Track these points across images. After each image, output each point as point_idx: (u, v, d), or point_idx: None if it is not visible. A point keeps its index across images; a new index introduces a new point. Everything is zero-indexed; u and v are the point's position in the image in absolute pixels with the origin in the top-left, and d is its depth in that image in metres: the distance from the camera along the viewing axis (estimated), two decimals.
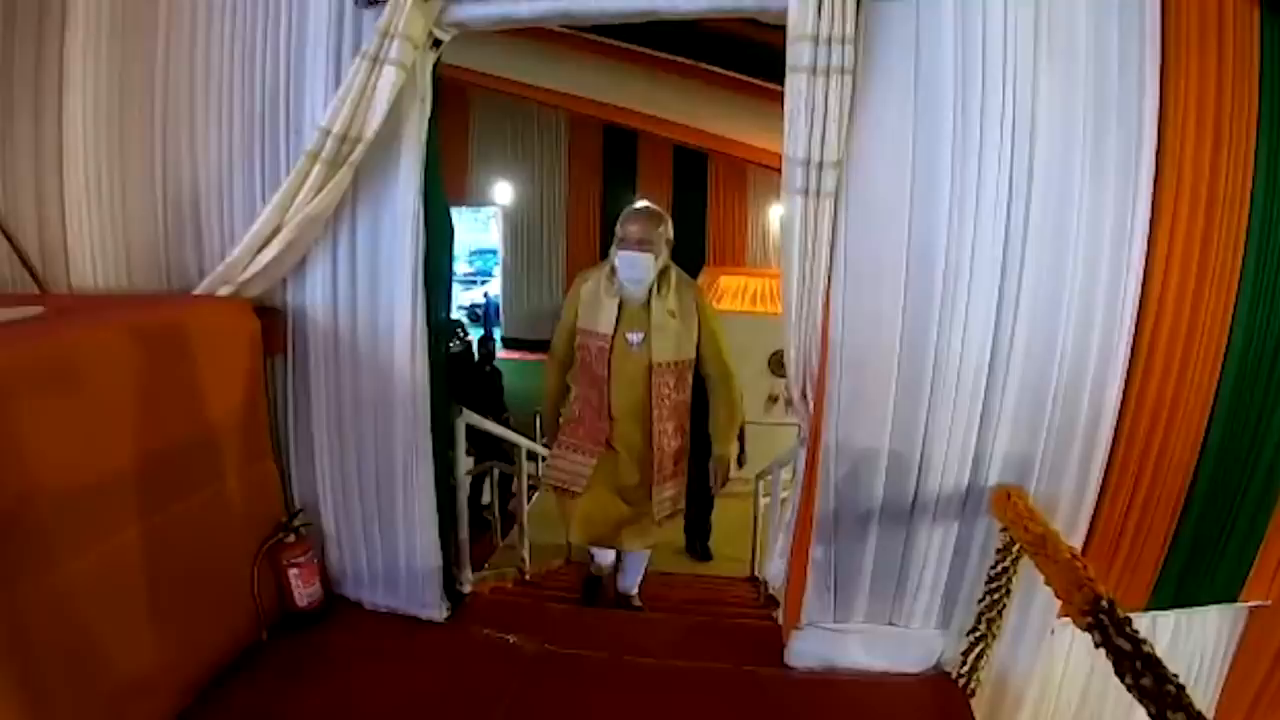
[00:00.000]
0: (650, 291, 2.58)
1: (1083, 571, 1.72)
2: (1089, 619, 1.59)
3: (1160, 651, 1.41)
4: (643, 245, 2.49)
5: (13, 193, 2.50)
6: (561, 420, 2.91)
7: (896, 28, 1.94)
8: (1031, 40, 1.94)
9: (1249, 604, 2.55)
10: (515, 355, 9.11)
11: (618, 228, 2.61)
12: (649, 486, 2.74)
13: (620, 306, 2.57)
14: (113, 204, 2.52)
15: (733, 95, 5.62)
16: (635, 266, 2.51)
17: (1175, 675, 1.38)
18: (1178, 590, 2.43)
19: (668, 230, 2.57)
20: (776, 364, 6.23)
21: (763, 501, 4.16)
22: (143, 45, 2.44)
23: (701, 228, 8.20)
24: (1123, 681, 1.48)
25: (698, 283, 2.67)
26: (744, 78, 5.30)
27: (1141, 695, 1.40)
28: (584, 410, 2.70)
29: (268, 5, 2.32)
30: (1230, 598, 2.51)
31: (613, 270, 2.62)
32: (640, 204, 2.70)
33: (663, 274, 2.58)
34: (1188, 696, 1.33)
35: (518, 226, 9.12)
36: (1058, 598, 1.74)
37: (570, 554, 4.00)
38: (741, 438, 4.05)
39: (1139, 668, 1.43)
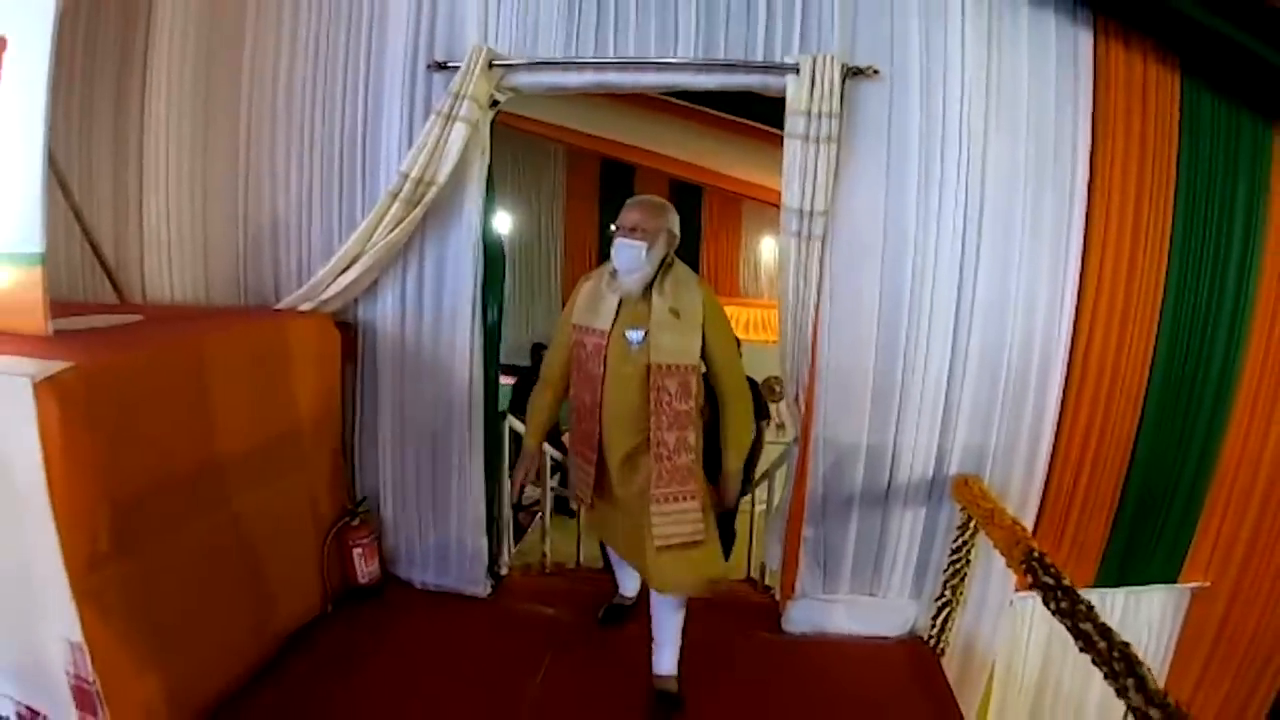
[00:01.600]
0: (651, 287, 2.40)
1: (1021, 533, 2.28)
2: (1024, 565, 2.15)
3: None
4: (634, 232, 2.35)
5: (92, 214, 2.99)
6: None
7: (873, 104, 2.57)
8: (983, 115, 2.57)
9: (1190, 585, 3.13)
10: (513, 381, 9.57)
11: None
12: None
13: (620, 303, 2.42)
14: (194, 229, 3.08)
15: (727, 135, 6.24)
16: (625, 254, 2.35)
17: (1088, 602, 1.92)
18: (1121, 569, 3.02)
19: (668, 221, 2.41)
20: (768, 390, 6.75)
21: (758, 509, 4.65)
22: (226, 88, 3.02)
23: (696, 259, 8.71)
24: (1048, 608, 2.03)
25: (707, 284, 2.47)
26: (738, 119, 5.94)
27: (1062, 616, 1.95)
28: (578, 412, 2.55)
29: (347, 63, 2.90)
30: (1171, 578, 3.10)
31: (615, 270, 2.46)
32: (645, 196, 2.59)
33: (666, 269, 2.41)
34: (1096, 614, 1.87)
35: (516, 256, 9.60)
36: (1001, 554, 2.30)
37: (579, 559, 4.45)
38: (753, 460, 4.48)
39: (1059, 596, 1.99)
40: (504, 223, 9.96)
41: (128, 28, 3.00)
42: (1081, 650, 1.86)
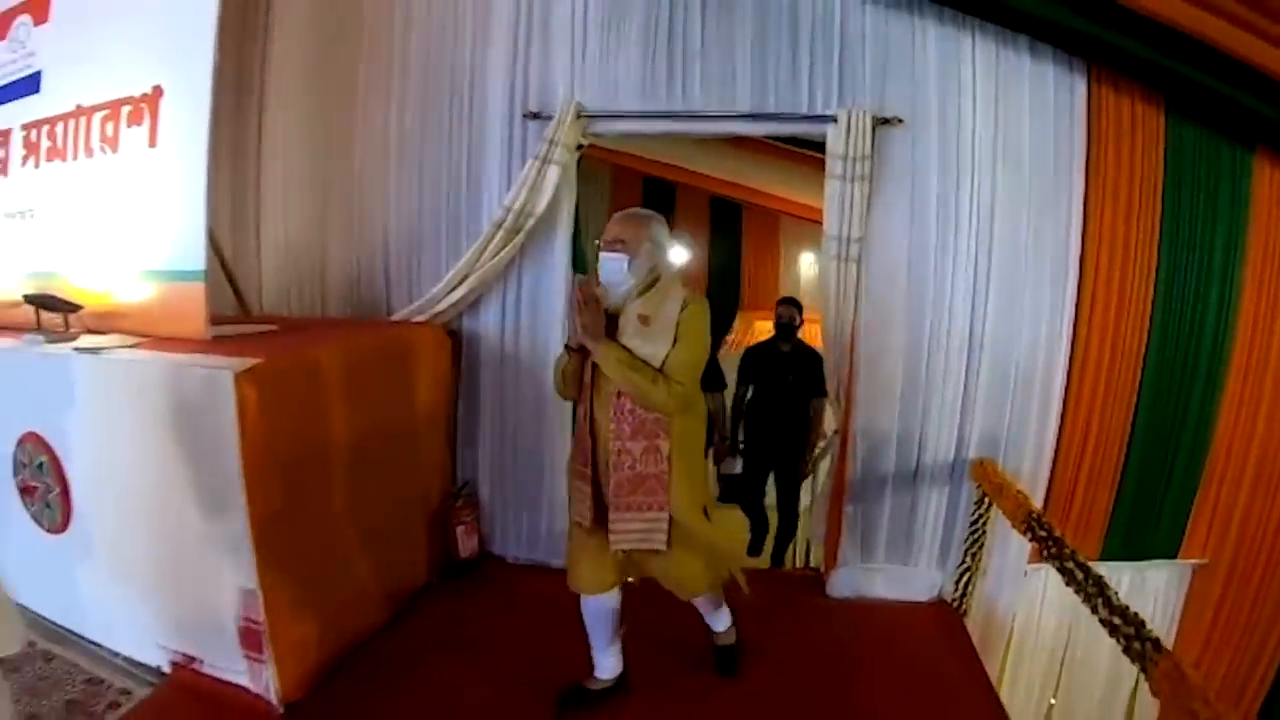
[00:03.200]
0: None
1: (1024, 500, 2.96)
2: (1025, 525, 2.84)
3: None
4: (613, 246, 2.43)
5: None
6: None
7: (899, 148, 3.32)
8: (990, 157, 3.31)
9: (1190, 562, 3.76)
10: None
11: None
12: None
13: (607, 315, 2.45)
14: (311, 251, 3.93)
15: (763, 155, 6.94)
16: (604, 267, 2.44)
17: (1073, 549, 2.58)
18: (1124, 544, 3.67)
19: (650, 232, 2.46)
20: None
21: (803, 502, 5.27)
22: (340, 125, 3.86)
23: (736, 274, 9.52)
24: (1043, 558, 2.71)
25: (699, 299, 2.49)
26: (775, 144, 6.64)
27: (1052, 559, 2.62)
28: (577, 430, 2.61)
29: (452, 110, 3.70)
30: (1171, 554, 3.75)
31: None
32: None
33: (653, 282, 2.47)
34: (1078, 555, 2.51)
35: None
36: (1007, 517, 3.00)
37: None
38: (810, 455, 4.88)
39: (1050, 544, 2.67)
40: None
41: (244, 61, 3.85)
42: (1066, 584, 2.52)
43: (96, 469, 2.91)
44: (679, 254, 9.19)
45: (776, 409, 4.74)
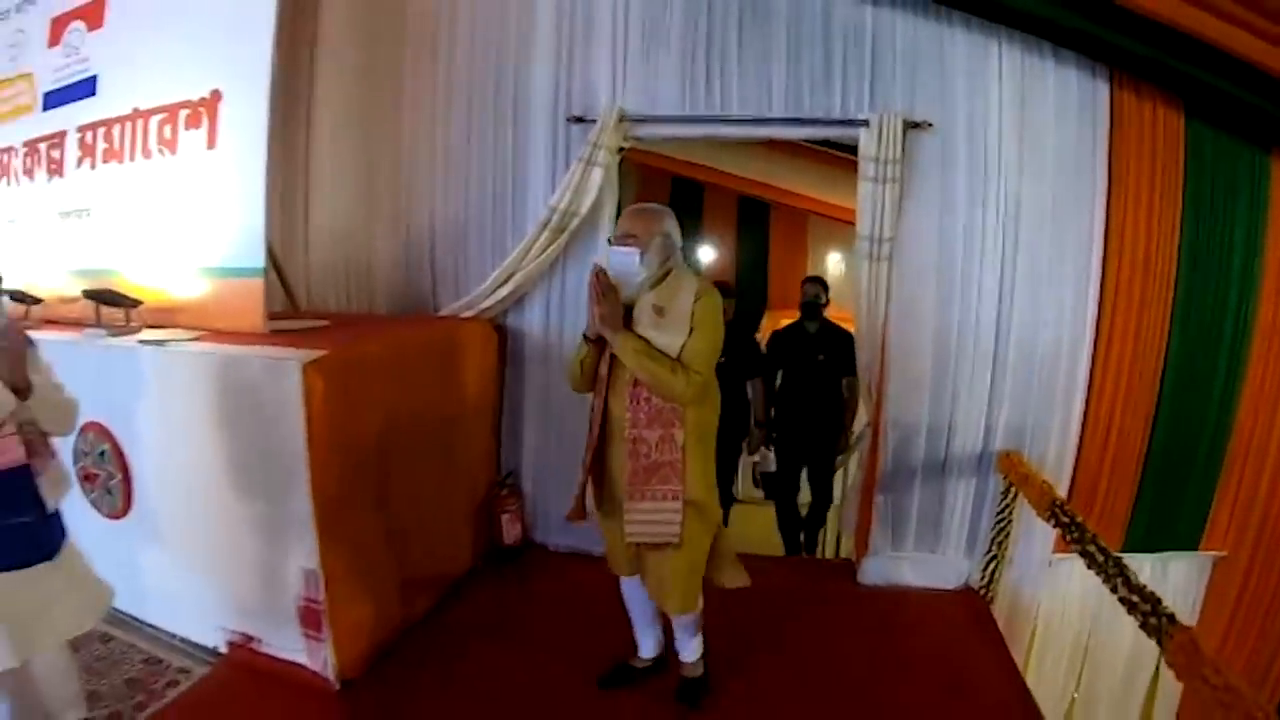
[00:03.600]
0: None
1: (1048, 489, 3.14)
2: (1049, 513, 3.03)
3: None
4: (625, 240, 2.50)
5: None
6: None
7: (928, 151, 3.51)
8: (1016, 159, 3.50)
9: (1210, 554, 3.91)
10: None
11: None
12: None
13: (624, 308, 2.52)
14: (358, 247, 4.17)
15: (793, 158, 7.13)
16: (618, 260, 2.49)
17: (1095, 533, 2.76)
18: (1146, 535, 3.84)
19: (663, 226, 2.54)
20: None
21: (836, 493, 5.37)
22: (388, 124, 4.09)
23: (764, 273, 9.65)
24: (1067, 543, 2.89)
25: (711, 289, 2.56)
26: (804, 144, 6.80)
27: (1071, 541, 2.81)
28: (590, 422, 2.69)
29: (496, 114, 3.93)
30: (1192, 546, 3.90)
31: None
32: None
33: (665, 274, 2.53)
34: (1100, 540, 2.69)
35: None
36: (1032, 505, 3.19)
37: None
38: (848, 432, 4.92)
39: (1072, 529, 2.85)
40: None
41: (292, 61, 4.05)
42: (1088, 566, 2.69)
43: (161, 456, 3.10)
44: (705, 253, 9.46)
45: (808, 391, 4.80)
